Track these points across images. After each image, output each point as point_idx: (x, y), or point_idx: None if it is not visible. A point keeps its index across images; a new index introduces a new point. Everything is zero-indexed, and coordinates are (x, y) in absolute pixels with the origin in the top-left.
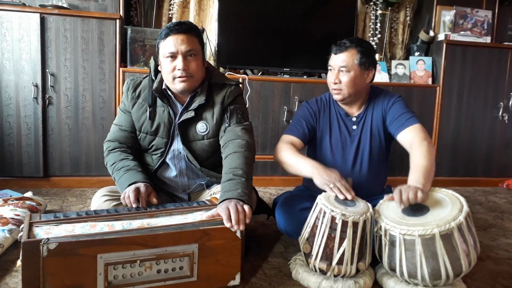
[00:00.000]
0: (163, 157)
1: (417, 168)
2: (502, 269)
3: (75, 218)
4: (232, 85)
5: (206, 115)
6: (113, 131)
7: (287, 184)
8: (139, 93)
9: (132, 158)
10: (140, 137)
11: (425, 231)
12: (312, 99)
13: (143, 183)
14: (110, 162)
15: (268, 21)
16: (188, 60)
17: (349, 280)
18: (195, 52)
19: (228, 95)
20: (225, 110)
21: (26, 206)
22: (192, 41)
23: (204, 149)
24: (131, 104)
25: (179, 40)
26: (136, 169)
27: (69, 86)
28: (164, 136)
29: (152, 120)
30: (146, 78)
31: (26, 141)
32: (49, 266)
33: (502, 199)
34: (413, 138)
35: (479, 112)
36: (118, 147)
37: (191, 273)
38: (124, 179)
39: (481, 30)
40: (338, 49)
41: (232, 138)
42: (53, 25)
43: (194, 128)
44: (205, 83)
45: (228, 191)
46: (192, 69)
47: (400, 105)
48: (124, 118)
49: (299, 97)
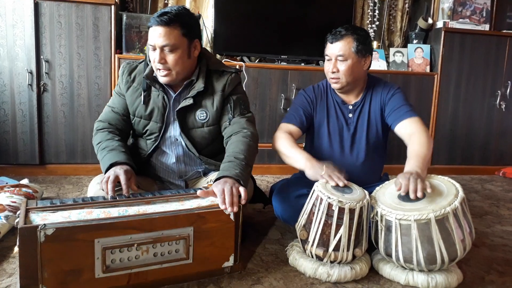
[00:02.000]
0: (157, 141)
1: (415, 155)
2: (496, 255)
3: (71, 204)
4: (233, 72)
5: (206, 103)
6: (105, 111)
7: (285, 172)
8: (134, 77)
9: (118, 139)
10: (134, 121)
11: (420, 216)
12: (309, 87)
13: (123, 170)
14: (96, 141)
15: (266, 7)
16: (165, 54)
17: (346, 266)
18: (172, 47)
19: (229, 83)
20: (227, 99)
21: (23, 193)
22: (171, 34)
23: (203, 137)
24: (125, 88)
25: (157, 33)
26: (119, 149)
27: (64, 72)
28: (158, 120)
29: (146, 104)
30: (142, 63)
31: (22, 128)
32: (47, 252)
33: (498, 187)
34: (412, 129)
35: (476, 100)
36: (107, 127)
37: (186, 255)
38: (106, 159)
39: (480, 17)
40: (333, 38)
41: (238, 130)
42: (47, 11)
43: (194, 116)
44: (202, 70)
45: (226, 169)
46: (169, 63)
47: (399, 97)
48: (118, 100)
49: (296, 85)
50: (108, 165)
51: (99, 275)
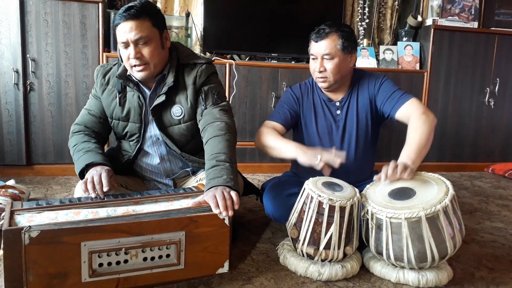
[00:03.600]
0: (139, 143)
1: (411, 143)
2: (486, 251)
3: (58, 205)
4: (203, 63)
5: (180, 99)
6: (82, 114)
7: (276, 170)
8: (109, 80)
9: (94, 141)
10: (113, 124)
11: (411, 214)
12: (296, 85)
13: (104, 169)
14: (72, 144)
15: (256, 5)
16: (139, 48)
17: (336, 265)
18: (146, 39)
19: (200, 74)
20: (199, 91)
21: (9, 194)
22: (142, 26)
23: (182, 134)
24: (100, 91)
25: (127, 28)
26: (96, 151)
27: (51, 71)
28: (136, 121)
29: (122, 106)
30: (116, 65)
31: (8, 129)
32: (32, 254)
33: (487, 183)
34: (412, 112)
35: (466, 98)
36: (83, 130)
37: (178, 261)
38: (82, 160)
39: (469, 15)
40: (318, 36)
41: (211, 121)
42: (33, 9)
43: (169, 113)
44: (172, 64)
45: (213, 178)
46: (146, 57)
47: (388, 84)
48: (94, 103)
49: (287, 83)
50: (84, 166)
51: (86, 279)
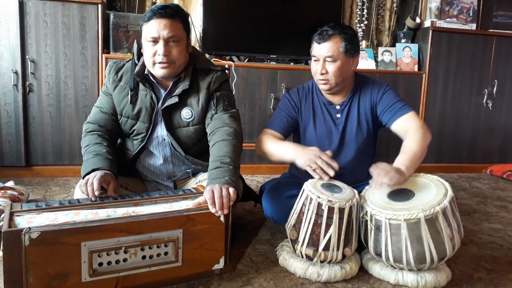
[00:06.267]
0: (143, 142)
1: (406, 151)
2: (484, 253)
3: (57, 206)
4: (218, 70)
5: (191, 101)
6: (93, 112)
7: (274, 172)
8: (121, 76)
9: (107, 144)
10: (121, 121)
11: (410, 216)
12: (293, 89)
13: (104, 173)
14: (85, 144)
15: (255, 6)
16: (169, 46)
17: (335, 266)
18: (177, 38)
19: (214, 80)
20: (211, 96)
21: (8, 196)
22: (175, 26)
23: (189, 136)
24: (112, 87)
25: (162, 25)
26: (105, 156)
27: (50, 73)
28: (146, 121)
29: (133, 104)
30: (129, 62)
31: (7, 130)
32: (32, 256)
33: (486, 184)
34: (409, 125)
35: (464, 99)
36: (96, 129)
37: (176, 258)
38: (89, 163)
39: (467, 17)
40: (321, 38)
41: (220, 126)
42: (32, 10)
43: (179, 115)
44: (189, 69)
45: (215, 178)
46: (173, 55)
47: (390, 94)
48: (106, 100)
49: (286, 84)
50: (90, 170)
51: (86, 279)
